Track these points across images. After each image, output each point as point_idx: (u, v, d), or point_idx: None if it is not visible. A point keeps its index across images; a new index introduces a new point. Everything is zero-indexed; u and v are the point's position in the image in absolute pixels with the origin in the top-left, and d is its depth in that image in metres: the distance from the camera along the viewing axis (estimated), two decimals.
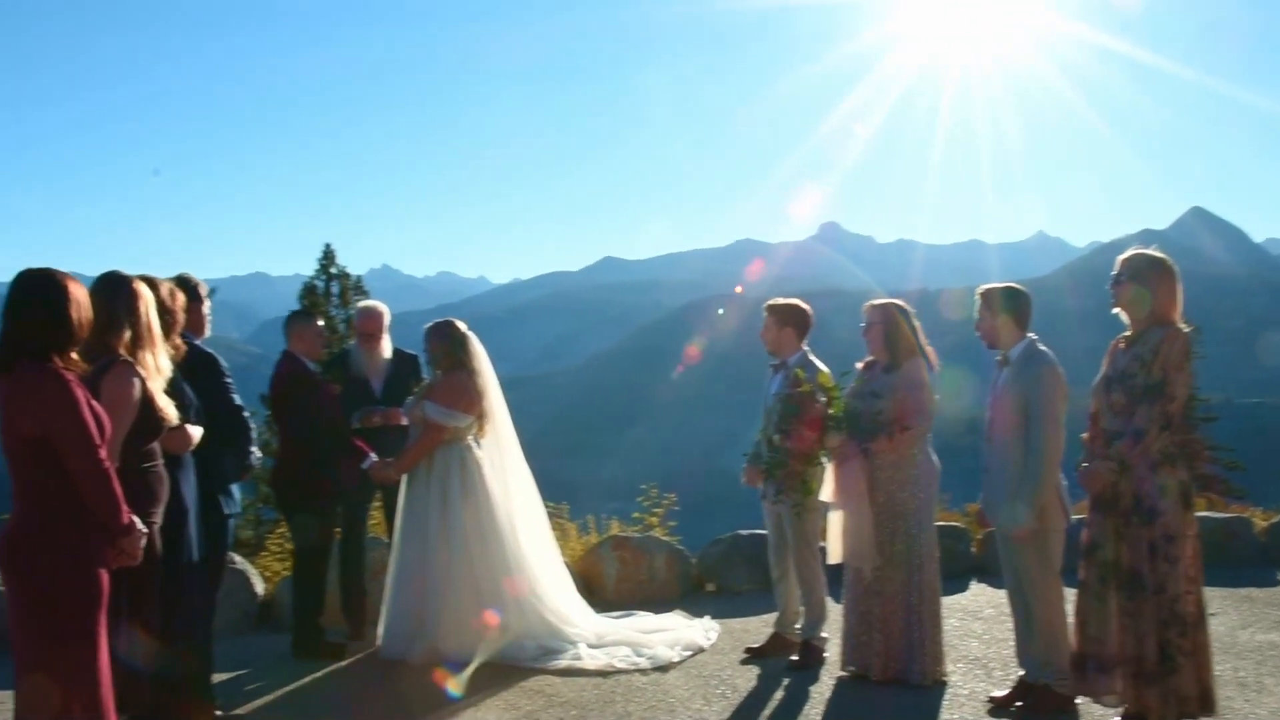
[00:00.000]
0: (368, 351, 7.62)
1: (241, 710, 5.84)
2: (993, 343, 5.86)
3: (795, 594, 6.79)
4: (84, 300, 3.94)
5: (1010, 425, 5.68)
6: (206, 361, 5.61)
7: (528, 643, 6.81)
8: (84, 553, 3.81)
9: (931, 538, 6.19)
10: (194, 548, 5.06)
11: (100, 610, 3.86)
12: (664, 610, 8.03)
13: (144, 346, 4.45)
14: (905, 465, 6.14)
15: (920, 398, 6.11)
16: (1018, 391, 5.65)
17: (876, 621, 6.15)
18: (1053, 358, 5.70)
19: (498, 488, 7.11)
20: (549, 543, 7.48)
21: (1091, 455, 5.29)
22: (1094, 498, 5.28)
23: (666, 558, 8.94)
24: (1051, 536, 5.61)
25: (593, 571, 8.86)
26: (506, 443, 7.34)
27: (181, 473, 5.01)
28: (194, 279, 5.81)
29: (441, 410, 6.91)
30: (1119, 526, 5.13)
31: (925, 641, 6.08)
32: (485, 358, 7.25)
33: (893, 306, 6.35)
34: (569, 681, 6.35)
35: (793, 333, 6.78)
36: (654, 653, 6.76)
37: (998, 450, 5.76)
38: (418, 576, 6.89)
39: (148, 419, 4.39)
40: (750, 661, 6.73)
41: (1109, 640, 5.18)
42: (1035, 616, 5.65)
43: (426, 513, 6.93)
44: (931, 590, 6.14)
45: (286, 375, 7.00)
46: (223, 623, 7.74)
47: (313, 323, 7.16)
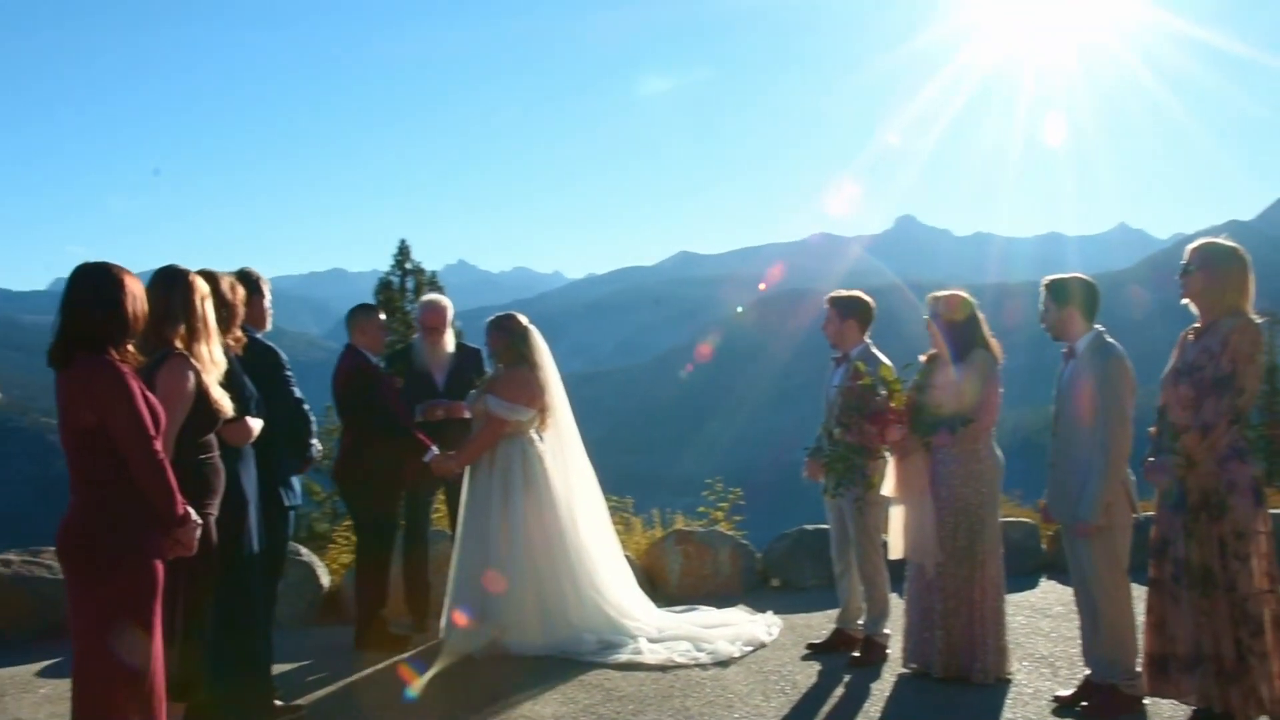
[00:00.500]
0: (431, 345, 7.65)
1: (302, 700, 5.89)
2: (1059, 335, 5.73)
3: (858, 589, 6.72)
4: (139, 294, 4.00)
5: (1076, 419, 5.57)
6: (267, 355, 5.67)
7: (587, 636, 6.81)
8: (140, 543, 3.86)
9: (995, 533, 6.08)
10: (254, 539, 5.11)
11: (155, 600, 3.91)
12: (727, 605, 8.01)
13: (199, 339, 4.49)
14: (968, 460, 6.03)
15: (984, 391, 6.00)
16: (1084, 385, 5.54)
17: (938, 618, 6.05)
18: (1120, 350, 5.56)
19: (559, 481, 7.13)
20: (609, 536, 7.48)
21: (1158, 450, 5.16)
22: (1161, 493, 5.15)
23: (730, 552, 8.90)
24: (1118, 533, 5.48)
25: (656, 566, 8.85)
26: (568, 437, 7.34)
27: (241, 465, 5.06)
28: (255, 273, 5.87)
29: (503, 404, 6.93)
30: (1188, 523, 4.99)
31: (988, 639, 5.98)
32: (547, 352, 7.26)
33: (957, 298, 6.24)
34: (628, 675, 6.33)
35: (855, 325, 6.70)
36: (714, 648, 6.72)
37: (1063, 445, 5.64)
38: (479, 569, 6.92)
39: (203, 411, 4.43)
40: (812, 657, 6.67)
41: (1185, 639, 5.05)
42: (1102, 615, 5.52)
43: (488, 506, 6.95)
44: (994, 587, 6.03)
45: (349, 369, 7.06)
46: (288, 614, 7.89)
47: (375, 317, 7.20)
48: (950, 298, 6.25)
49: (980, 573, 6.00)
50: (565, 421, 7.32)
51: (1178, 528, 5.03)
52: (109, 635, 3.81)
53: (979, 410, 5.97)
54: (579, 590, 6.96)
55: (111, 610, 3.82)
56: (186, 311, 4.48)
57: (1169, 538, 5.09)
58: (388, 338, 7.26)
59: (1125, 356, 5.53)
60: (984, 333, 6.17)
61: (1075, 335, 5.66)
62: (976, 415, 5.96)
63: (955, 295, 6.27)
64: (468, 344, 7.97)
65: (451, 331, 7.76)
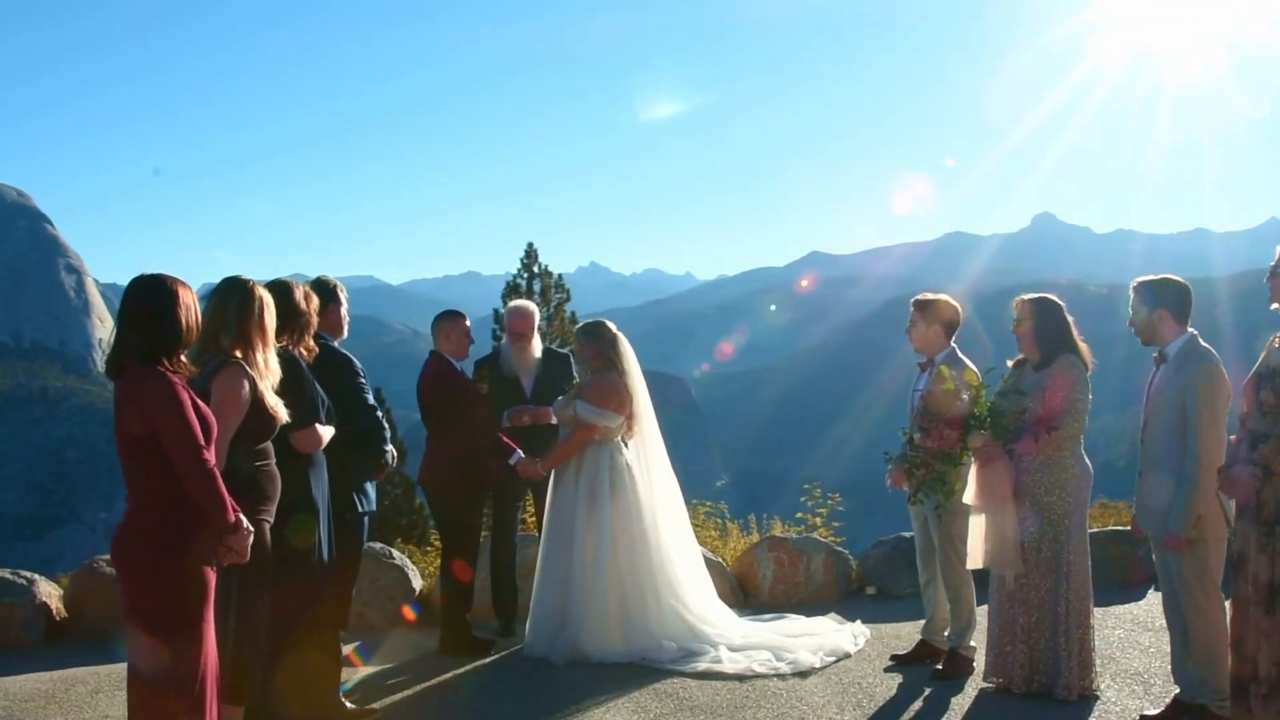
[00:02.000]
0: (518, 350, 7.68)
1: (376, 705, 5.94)
2: (1149, 339, 5.51)
3: (943, 600, 6.54)
4: (193, 304, 4.08)
5: (1167, 427, 5.34)
6: (341, 362, 5.74)
7: (667, 644, 6.76)
8: (190, 550, 3.93)
9: (1081, 544, 5.86)
10: (325, 547, 5.17)
11: (206, 607, 3.99)
12: (819, 613, 7.90)
13: (255, 348, 4.55)
14: (1053, 468, 5.82)
15: (1070, 397, 5.77)
16: (1175, 391, 5.31)
17: (1020, 631, 5.87)
18: (1214, 355, 5.32)
19: (644, 489, 7.10)
20: (691, 543, 7.43)
21: (1236, 459, 4.91)
22: (1240, 506, 4.90)
23: (825, 559, 8.76)
24: (1211, 547, 5.24)
25: (748, 573, 8.76)
26: (652, 443, 7.31)
27: (313, 472, 5.13)
28: (332, 281, 5.95)
29: (593, 409, 6.92)
30: (1261, 537, 4.74)
31: (1072, 653, 5.76)
32: (634, 359, 7.24)
33: (1046, 301, 6.03)
34: (704, 684, 6.26)
35: (940, 330, 6.53)
36: (795, 657, 6.62)
37: (1152, 454, 5.42)
38: (562, 575, 6.93)
39: (258, 419, 4.50)
40: (894, 669, 6.51)
41: (1265, 662, 4.80)
42: (1192, 632, 5.29)
43: (574, 512, 6.96)
44: (1080, 599, 5.80)
45: (433, 375, 7.13)
46: (378, 616, 8.00)
47: (460, 323, 7.25)
48: (1038, 300, 6.05)
49: (1065, 585, 5.79)
50: (650, 429, 7.28)
51: (1252, 543, 4.79)
52: (160, 639, 3.89)
53: (1064, 417, 5.76)
54: (660, 598, 6.93)
55: (162, 615, 3.91)
56: (243, 320, 4.54)
57: (1246, 553, 4.85)
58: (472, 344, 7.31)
59: (1218, 362, 5.29)
60: (1073, 336, 5.96)
61: (1167, 339, 5.44)
62: (1060, 422, 5.76)
63: (1043, 298, 6.06)
64: (557, 349, 7.99)
65: (539, 337, 7.78)
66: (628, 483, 7.01)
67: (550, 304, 30.72)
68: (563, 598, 6.91)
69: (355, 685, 6.32)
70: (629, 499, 6.98)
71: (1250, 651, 4.83)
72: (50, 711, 6.02)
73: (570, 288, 30.40)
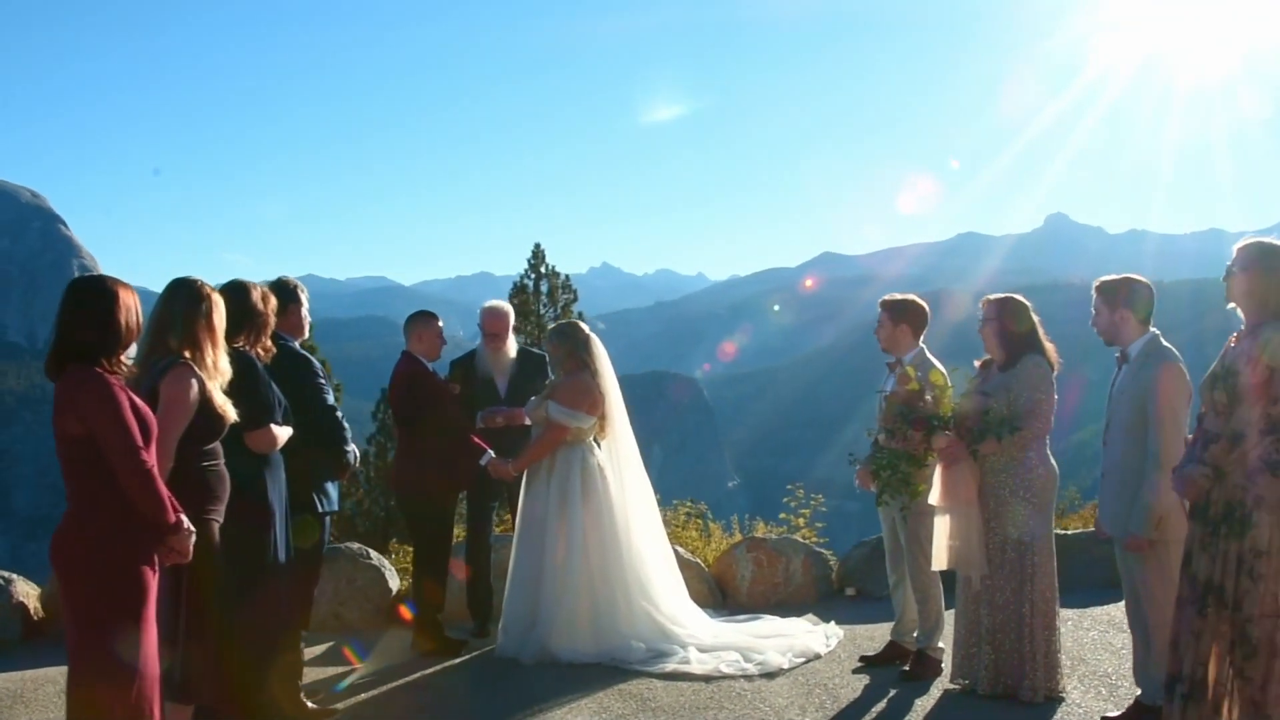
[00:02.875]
0: (493, 351, 7.66)
1: (340, 705, 5.94)
2: (1111, 339, 5.48)
3: (912, 601, 6.51)
4: (133, 306, 4.07)
5: (1127, 427, 5.31)
6: (299, 362, 5.75)
7: (636, 645, 6.74)
8: (127, 550, 3.92)
9: (1047, 546, 5.83)
10: (280, 547, 5.15)
11: (145, 608, 3.97)
12: (798, 614, 7.88)
13: (204, 348, 4.55)
14: (1017, 469, 5.79)
15: (1033, 398, 5.75)
16: (1136, 391, 5.28)
17: (985, 633, 5.84)
18: (1174, 354, 5.29)
19: (615, 490, 7.08)
20: (664, 545, 7.40)
21: (1190, 459, 4.86)
22: (1191, 506, 4.86)
23: (804, 560, 8.73)
24: (1172, 548, 5.15)
25: (727, 573, 8.74)
26: (624, 445, 7.29)
27: (269, 472, 5.12)
28: (293, 281, 5.95)
29: (564, 410, 6.91)
30: (1206, 536, 4.69)
31: (1037, 655, 5.73)
32: (607, 360, 7.23)
33: (1010, 301, 6.00)
34: (670, 685, 6.24)
35: (908, 329, 6.51)
36: (764, 658, 6.59)
37: (1114, 454, 5.39)
38: (533, 576, 6.92)
39: (206, 419, 4.50)
40: (863, 670, 6.49)
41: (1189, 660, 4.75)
42: (1154, 633, 5.25)
43: (545, 513, 6.95)
44: (1045, 601, 5.77)
45: (404, 375, 7.12)
46: (356, 616, 8.01)
47: (432, 323, 7.24)
48: (1002, 300, 6.03)
49: (1029, 586, 5.76)
50: (622, 430, 7.27)
51: (1196, 542, 4.74)
52: (99, 641, 3.88)
53: (1027, 417, 5.74)
54: (631, 599, 6.91)
55: (99, 616, 3.90)
56: (191, 320, 4.54)
57: (1191, 552, 4.80)
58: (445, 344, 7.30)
59: (1180, 361, 5.27)
60: (1039, 336, 5.94)
61: (1128, 339, 5.41)
62: (1025, 422, 5.73)
63: (1008, 298, 6.04)
64: (533, 350, 7.98)
65: (514, 337, 7.77)
66: (599, 484, 7.00)
67: (558, 304, 30.73)
68: (533, 599, 6.90)
69: (318, 684, 6.32)
70: (600, 500, 6.97)
71: (1181, 650, 4.79)
72: (17, 711, 6.04)
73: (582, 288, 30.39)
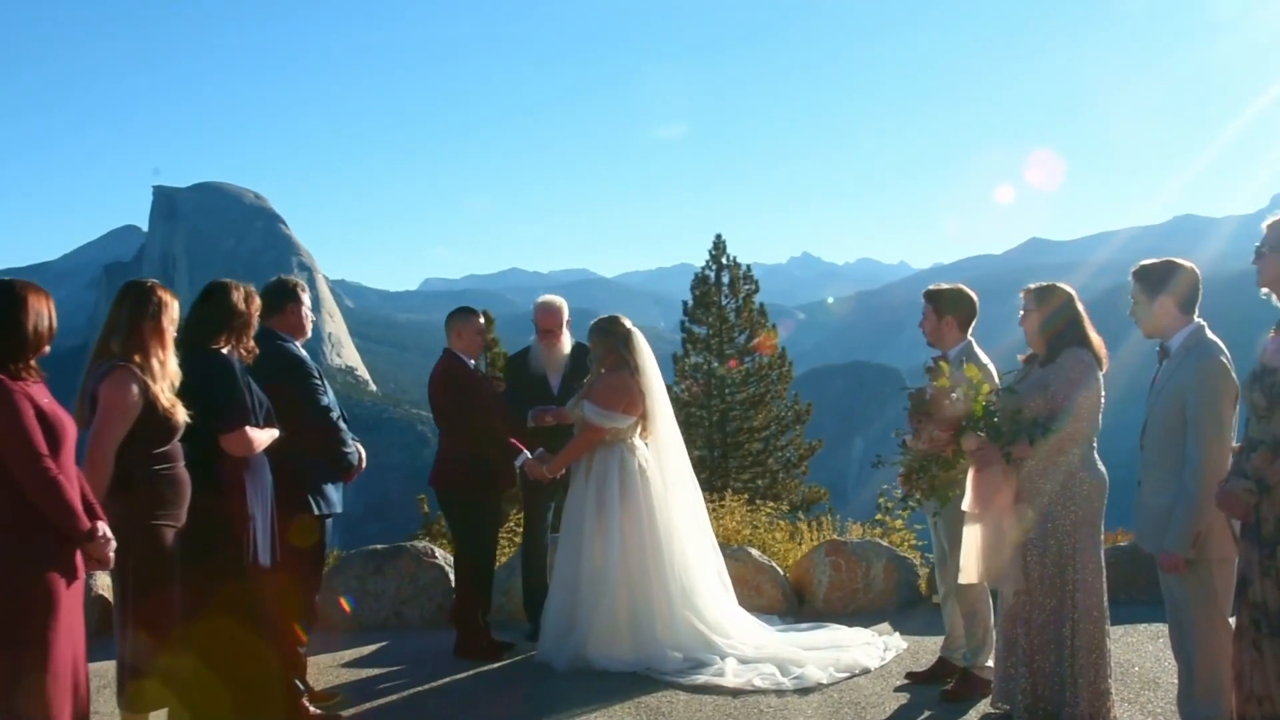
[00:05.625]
0: (547, 348, 7.46)
1: (351, 711, 5.83)
2: (1151, 331, 4.90)
3: (959, 615, 6.03)
4: (45, 311, 3.99)
5: (1165, 430, 4.73)
6: (291, 363, 5.64)
7: (673, 654, 6.44)
8: (28, 558, 3.84)
9: (1093, 560, 5.22)
10: (260, 550, 5.02)
11: (53, 616, 3.86)
12: (876, 621, 7.48)
13: (150, 350, 4.48)
14: (1056, 474, 5.22)
15: (1071, 396, 5.18)
16: (1174, 390, 4.69)
17: (1022, 653, 5.31)
18: (1218, 347, 4.67)
19: (657, 492, 6.79)
20: (712, 550, 7.05)
21: (1236, 471, 4.28)
22: (1243, 526, 4.28)
23: (886, 565, 8.27)
24: (1215, 569, 4.59)
25: (805, 578, 8.34)
26: (669, 445, 6.98)
27: (249, 474, 5.01)
28: (292, 280, 5.86)
29: (599, 411, 6.67)
30: (1264, 559, 4.12)
31: (1079, 680, 5.16)
32: (650, 356, 6.93)
33: (1052, 290, 5.44)
34: (693, 699, 5.93)
35: (953, 322, 6.03)
36: (803, 672, 6.21)
37: (1151, 460, 4.81)
38: (571, 580, 6.71)
39: (151, 422, 4.42)
40: (905, 688, 6.04)
41: (1275, 696, 4.18)
42: (1196, 661, 4.67)
43: (583, 515, 6.73)
44: (1090, 621, 5.18)
45: (443, 373, 7.00)
46: (416, 616, 7.94)
47: (473, 320, 7.09)
48: (1044, 289, 5.48)
49: (1069, 604, 5.20)
50: (667, 429, 6.96)
51: (1254, 564, 4.17)
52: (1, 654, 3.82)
53: (1064, 417, 5.17)
54: (671, 607, 6.61)
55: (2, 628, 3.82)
56: (136, 323, 4.47)
57: (1248, 576, 4.22)
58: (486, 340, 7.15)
59: (1224, 355, 4.64)
60: (1083, 329, 5.35)
61: (1169, 331, 4.82)
62: (1061, 423, 5.18)
63: (1050, 286, 5.48)
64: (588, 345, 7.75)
65: (569, 333, 7.54)
66: (639, 486, 6.72)
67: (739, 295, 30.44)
68: (571, 603, 6.68)
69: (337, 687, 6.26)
70: (640, 503, 6.69)
71: (1256, 688, 4.22)
72: None
73: (781, 278, 29.97)
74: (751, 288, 30.59)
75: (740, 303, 30.15)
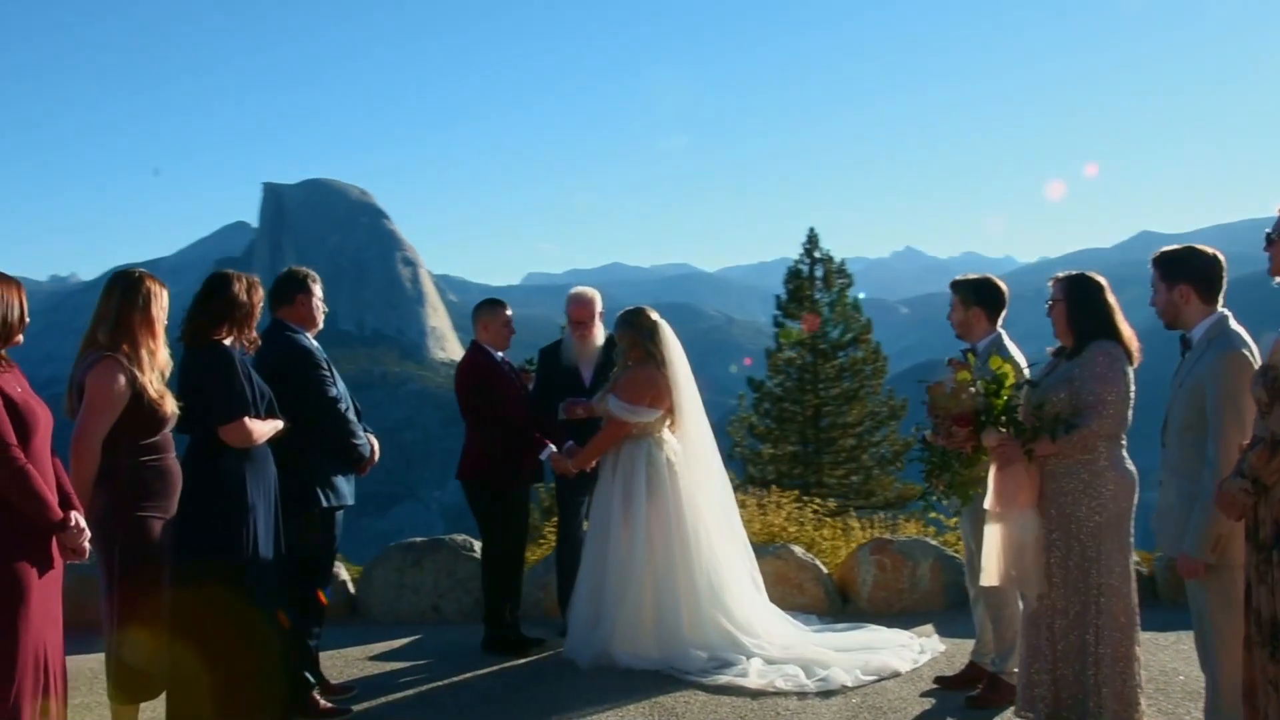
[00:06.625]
0: (579, 340, 7.35)
1: (364, 705, 5.81)
2: (1172, 321, 4.64)
3: (988, 619, 5.80)
4: (14, 300, 3.98)
5: (1184, 427, 4.47)
6: (298, 354, 5.60)
7: (698, 653, 6.31)
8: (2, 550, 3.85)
9: (1120, 565, 4.96)
10: (259, 543, 4.96)
11: (21, 605, 3.84)
12: (920, 623, 7.28)
13: (139, 341, 4.47)
14: (1081, 472, 4.95)
15: (1096, 391, 4.92)
16: (1193, 383, 4.43)
17: (1045, 660, 5.07)
18: (1241, 339, 4.38)
19: (686, 487, 6.65)
20: (742, 547, 6.90)
21: (1236, 469, 4.02)
22: (1245, 528, 4.02)
23: (933, 564, 8.02)
24: (1238, 573, 4.28)
25: (849, 577, 8.14)
26: (699, 439, 6.84)
27: (249, 466, 4.97)
28: (302, 272, 5.82)
29: (623, 405, 6.56)
30: (1261, 565, 3.87)
31: (1103, 690, 4.89)
32: (678, 349, 6.79)
33: (1081, 279, 5.17)
34: (710, 699, 5.79)
35: (981, 313, 5.81)
36: (828, 674, 6.03)
37: (1171, 459, 4.55)
38: (597, 575, 6.61)
39: (139, 413, 4.42)
40: (932, 693, 5.84)
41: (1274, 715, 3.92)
42: (1220, 675, 4.40)
43: (609, 509, 6.63)
44: (1117, 629, 4.91)
45: (468, 366, 6.95)
46: (454, 610, 7.91)
47: (499, 312, 7.03)
48: (1073, 277, 5.22)
49: (1093, 610, 4.95)
50: (696, 424, 6.81)
51: (1252, 571, 3.92)
52: None
53: (1088, 413, 4.92)
54: (697, 604, 6.48)
55: None
56: (124, 313, 4.47)
57: (1251, 584, 3.97)
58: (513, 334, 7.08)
59: (1247, 347, 4.36)
60: (1113, 320, 5.08)
61: (1191, 321, 4.56)
62: (1084, 419, 4.93)
63: (1079, 276, 5.21)
64: None
65: (601, 325, 7.44)
66: (666, 480, 6.59)
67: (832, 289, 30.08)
68: (597, 599, 6.58)
69: (356, 681, 6.24)
70: (667, 497, 6.56)
71: (1260, 702, 3.98)
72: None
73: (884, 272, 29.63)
74: (846, 281, 30.18)
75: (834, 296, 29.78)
